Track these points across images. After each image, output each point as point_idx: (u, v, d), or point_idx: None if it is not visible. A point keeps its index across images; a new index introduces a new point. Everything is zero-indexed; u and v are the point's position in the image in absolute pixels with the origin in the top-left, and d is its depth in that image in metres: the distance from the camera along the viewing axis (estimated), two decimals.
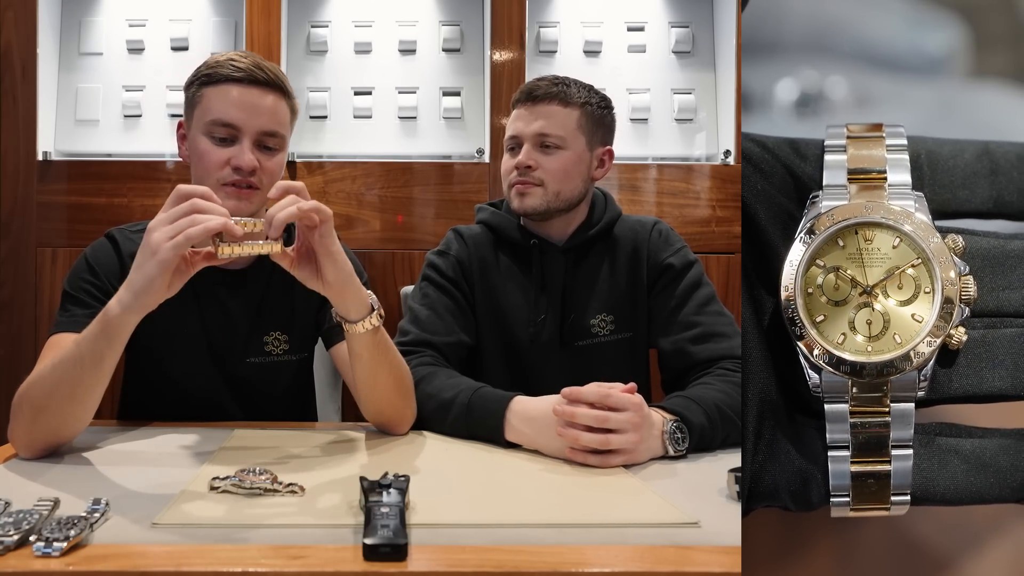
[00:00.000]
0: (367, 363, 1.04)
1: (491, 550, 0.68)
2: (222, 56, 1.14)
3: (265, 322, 1.23)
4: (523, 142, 1.33)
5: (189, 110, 1.16)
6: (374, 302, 1.02)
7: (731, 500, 0.82)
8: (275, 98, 1.14)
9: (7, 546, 0.64)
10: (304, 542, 0.68)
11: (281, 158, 1.16)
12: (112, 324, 0.89)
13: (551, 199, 1.32)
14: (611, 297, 1.35)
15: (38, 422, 0.94)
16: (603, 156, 1.37)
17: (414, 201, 2.10)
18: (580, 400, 0.97)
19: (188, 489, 0.82)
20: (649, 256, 1.36)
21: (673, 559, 0.67)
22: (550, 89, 1.32)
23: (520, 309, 1.35)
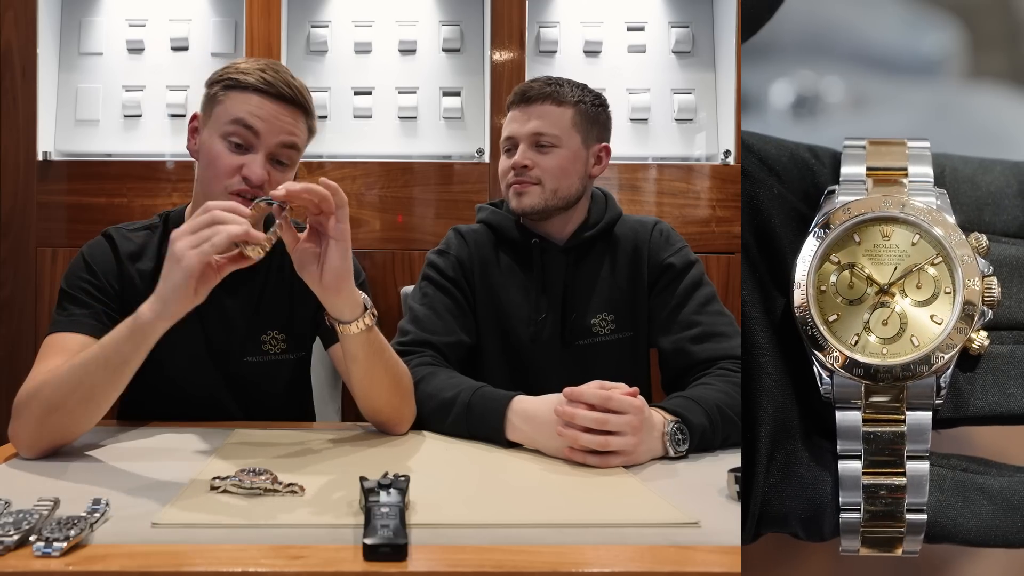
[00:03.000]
0: (362, 363, 1.05)
1: (491, 550, 0.68)
2: (251, 64, 1.13)
3: (263, 321, 1.23)
4: (519, 143, 1.34)
5: (207, 107, 1.14)
6: (367, 302, 1.02)
7: (731, 500, 0.82)
8: (296, 115, 1.13)
9: (7, 546, 0.64)
10: (304, 542, 0.68)
11: (291, 176, 1.15)
12: (142, 330, 0.91)
13: (549, 197, 1.32)
14: (612, 296, 1.36)
15: (49, 422, 0.94)
16: (600, 153, 1.37)
17: (414, 201, 2.11)
18: (581, 401, 0.97)
19: (188, 489, 0.82)
20: (650, 256, 1.37)
21: (673, 559, 0.67)
22: (543, 89, 1.33)
23: (521, 308, 1.35)
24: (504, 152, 1.36)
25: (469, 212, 2.09)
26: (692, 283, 1.33)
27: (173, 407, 1.21)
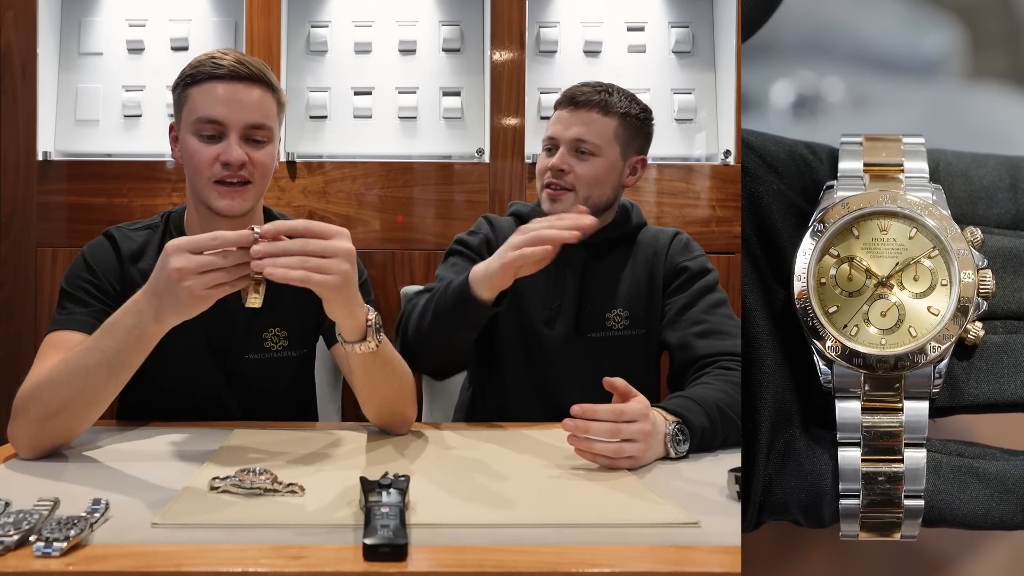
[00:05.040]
0: (362, 377, 1.05)
1: (491, 550, 0.68)
2: (204, 55, 1.15)
3: (264, 318, 1.22)
4: (559, 145, 1.35)
5: (177, 111, 1.17)
6: (373, 325, 0.99)
7: (731, 500, 0.83)
8: (260, 92, 1.14)
9: (7, 546, 0.64)
10: (304, 542, 0.68)
11: (271, 150, 1.16)
12: (147, 334, 0.91)
13: (580, 204, 1.33)
14: (628, 294, 1.38)
15: (49, 423, 0.94)
16: (636, 164, 1.40)
17: (414, 201, 2.11)
18: (594, 418, 0.96)
19: (188, 489, 0.82)
20: (667, 259, 1.39)
21: (673, 559, 0.67)
22: (592, 96, 1.35)
23: (538, 292, 1.37)
24: (544, 151, 1.38)
25: (469, 212, 2.09)
26: (705, 287, 1.36)
27: (173, 405, 1.20)
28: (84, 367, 0.93)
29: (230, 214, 1.13)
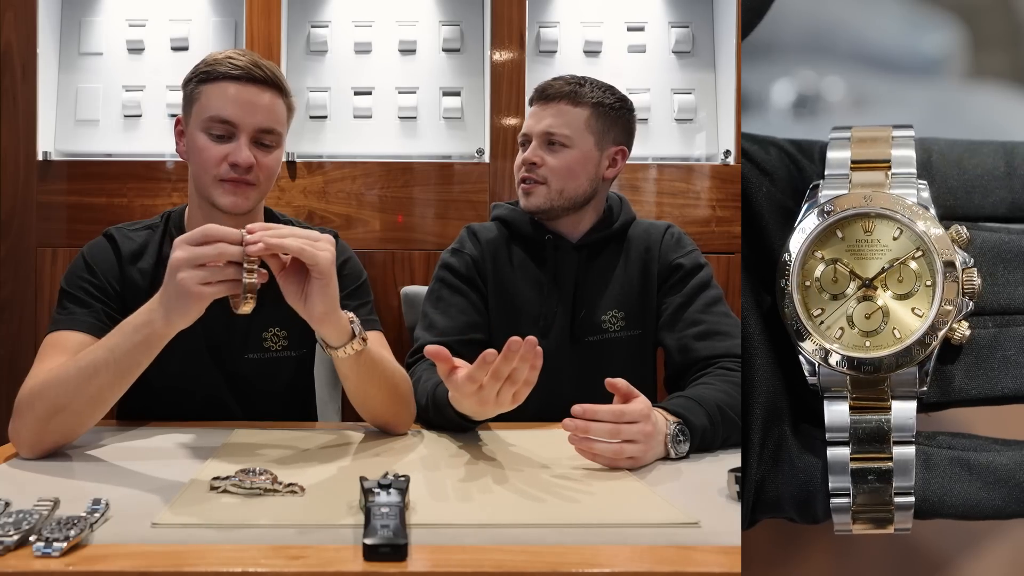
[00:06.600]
0: (353, 381, 1.05)
1: (491, 550, 0.68)
2: (220, 54, 1.15)
3: (264, 318, 1.22)
4: (532, 139, 1.35)
5: (187, 106, 1.16)
6: (356, 327, 1.00)
7: (731, 500, 0.82)
8: (272, 96, 1.14)
9: (7, 546, 0.64)
10: (304, 542, 0.68)
11: (278, 155, 1.16)
12: (156, 335, 0.91)
13: (554, 197, 1.34)
14: (622, 294, 1.37)
15: (53, 421, 0.94)
16: (615, 155, 1.38)
17: (414, 201, 2.11)
18: (595, 418, 0.96)
19: (188, 489, 0.82)
20: (661, 256, 1.38)
21: (673, 559, 0.67)
22: (562, 88, 1.35)
23: (532, 303, 1.36)
24: (520, 147, 1.38)
25: (469, 212, 2.10)
26: (700, 284, 1.34)
27: (173, 405, 1.20)
28: (92, 365, 0.93)
29: (234, 211, 1.13)
